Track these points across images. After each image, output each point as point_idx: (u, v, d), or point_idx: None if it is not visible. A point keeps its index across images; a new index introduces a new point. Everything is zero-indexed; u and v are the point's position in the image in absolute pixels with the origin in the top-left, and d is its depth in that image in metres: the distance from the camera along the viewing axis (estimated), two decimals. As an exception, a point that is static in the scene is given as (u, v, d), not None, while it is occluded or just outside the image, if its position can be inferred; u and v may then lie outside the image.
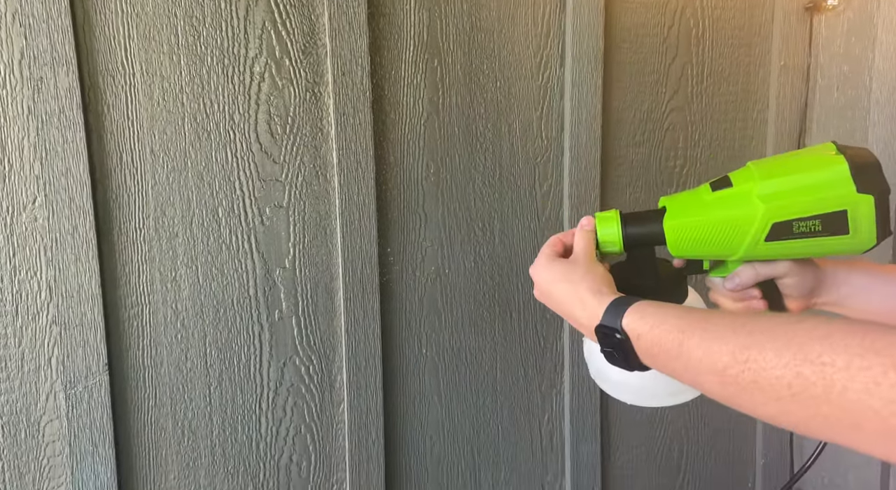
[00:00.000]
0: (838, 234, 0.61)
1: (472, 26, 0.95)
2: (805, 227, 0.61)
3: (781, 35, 1.10)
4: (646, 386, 0.69)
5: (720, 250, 0.66)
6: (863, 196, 0.59)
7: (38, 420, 0.81)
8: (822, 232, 0.61)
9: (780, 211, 0.61)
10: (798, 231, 0.62)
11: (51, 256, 0.79)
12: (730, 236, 0.64)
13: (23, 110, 0.77)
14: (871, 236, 0.60)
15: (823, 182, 0.60)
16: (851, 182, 0.59)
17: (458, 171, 0.97)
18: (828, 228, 0.61)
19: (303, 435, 0.94)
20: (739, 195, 0.63)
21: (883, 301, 0.67)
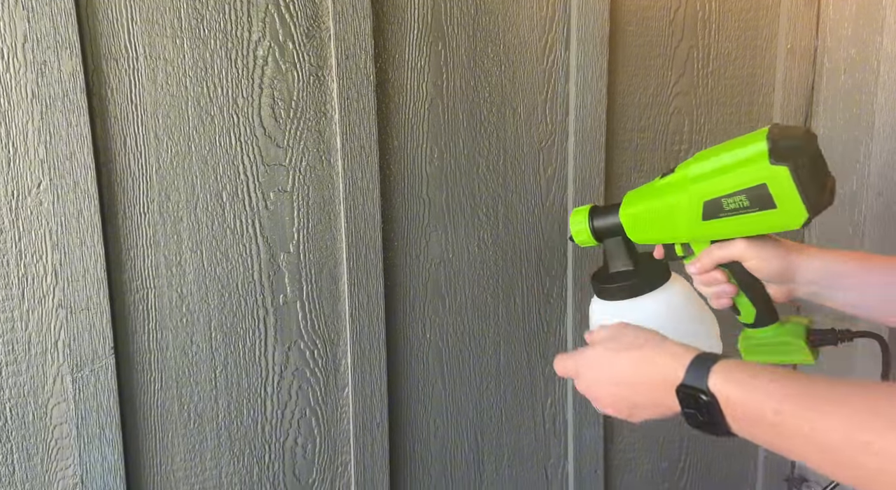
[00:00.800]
0: (767, 209, 0.62)
1: (476, 9, 0.94)
2: (734, 204, 0.63)
3: (788, 18, 1.09)
4: None
5: (668, 233, 0.70)
6: (777, 167, 0.60)
7: (45, 403, 0.82)
8: (751, 207, 0.62)
9: (707, 190, 0.64)
10: (729, 208, 0.63)
11: (56, 240, 0.79)
12: (671, 219, 0.68)
13: (27, 94, 0.76)
14: (799, 210, 0.60)
15: (742, 158, 0.62)
16: (767, 154, 0.60)
17: (462, 156, 0.97)
18: (755, 203, 0.62)
19: (308, 418, 0.95)
20: (677, 180, 0.67)
21: (861, 296, 0.65)
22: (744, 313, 0.71)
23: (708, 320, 0.74)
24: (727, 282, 0.69)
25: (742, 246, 0.67)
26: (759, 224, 0.63)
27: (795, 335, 0.70)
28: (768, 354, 0.71)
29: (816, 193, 0.60)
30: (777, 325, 0.71)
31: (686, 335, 0.68)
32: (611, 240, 0.74)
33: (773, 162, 0.59)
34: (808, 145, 0.61)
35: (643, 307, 0.72)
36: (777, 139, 0.60)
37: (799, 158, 0.59)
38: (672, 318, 0.71)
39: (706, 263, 0.69)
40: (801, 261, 0.66)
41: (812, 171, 0.60)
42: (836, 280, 0.65)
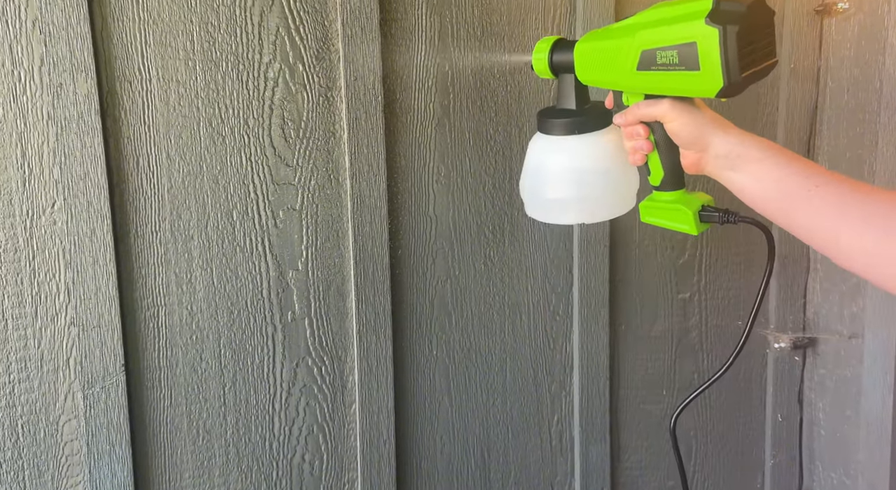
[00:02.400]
0: (691, 70, 0.61)
1: (482, 31, 0.96)
2: (665, 58, 0.63)
3: (791, 38, 1.10)
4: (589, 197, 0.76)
5: (607, 77, 0.70)
6: (710, 28, 0.59)
7: (56, 419, 0.83)
8: (679, 65, 0.62)
9: (647, 39, 0.64)
10: (660, 62, 0.63)
11: (69, 259, 0.80)
12: (611, 63, 0.68)
13: (43, 116, 0.78)
14: (717, 75, 0.60)
15: (686, 13, 0.61)
16: (705, 14, 0.59)
17: (468, 174, 0.98)
18: (683, 62, 0.61)
19: (315, 435, 0.95)
20: (627, 24, 0.67)
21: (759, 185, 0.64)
22: (653, 174, 0.72)
23: (631, 173, 0.76)
24: (646, 139, 0.70)
25: (667, 106, 0.67)
26: (681, 84, 0.63)
27: (688, 205, 0.71)
28: (660, 217, 0.73)
29: (741, 66, 0.59)
30: (681, 192, 0.72)
31: (610, 179, 0.75)
32: (564, 75, 0.75)
33: (707, 22, 0.59)
34: (751, 15, 0.60)
35: (579, 146, 0.75)
36: (721, 2, 0.59)
37: (733, 25, 0.58)
38: (602, 161, 0.75)
39: (630, 117, 0.70)
40: (717, 132, 0.66)
41: (746, 43, 0.59)
42: (743, 162, 0.64)
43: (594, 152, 0.75)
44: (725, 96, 0.62)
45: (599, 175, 0.75)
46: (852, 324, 1.11)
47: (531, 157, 0.80)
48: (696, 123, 0.66)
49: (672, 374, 1.14)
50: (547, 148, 0.78)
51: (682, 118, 0.66)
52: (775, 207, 0.63)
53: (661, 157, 0.71)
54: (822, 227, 0.59)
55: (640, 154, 0.72)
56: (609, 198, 0.77)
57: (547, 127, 0.77)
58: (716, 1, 0.60)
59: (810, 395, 1.20)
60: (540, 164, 0.79)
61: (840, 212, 0.58)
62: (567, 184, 0.76)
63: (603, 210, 0.78)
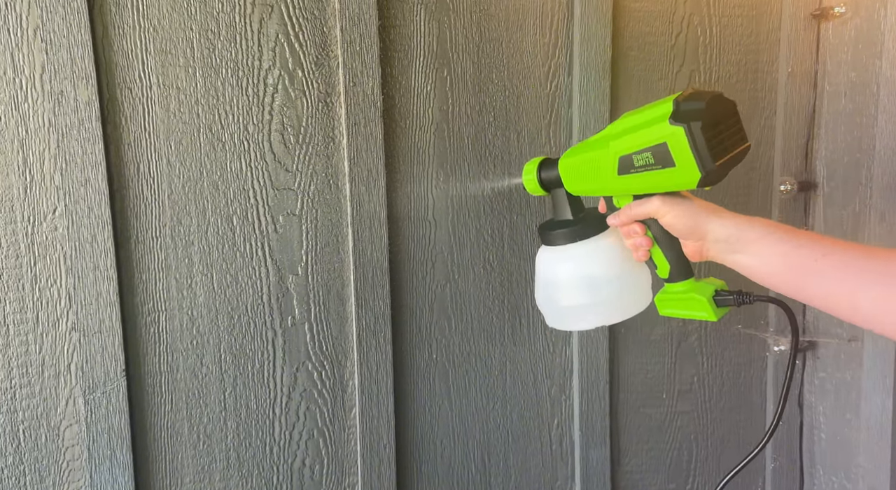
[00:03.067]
0: (668, 167, 0.65)
1: (481, 37, 0.96)
2: (642, 161, 0.67)
3: (789, 42, 1.10)
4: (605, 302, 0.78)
5: (593, 186, 0.75)
6: (675, 127, 0.63)
7: (58, 424, 0.83)
8: (655, 165, 0.66)
9: (622, 146, 0.69)
10: (639, 164, 0.68)
11: (70, 265, 0.81)
12: (594, 172, 0.73)
13: (44, 123, 0.79)
14: (692, 169, 0.64)
15: (650, 118, 0.66)
16: (667, 116, 0.64)
17: (467, 179, 0.99)
18: (659, 161, 0.66)
19: (315, 439, 0.95)
20: (601, 136, 0.72)
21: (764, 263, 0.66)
22: (660, 267, 0.75)
23: (639, 270, 0.78)
24: (643, 235, 0.73)
25: (657, 203, 0.70)
26: (662, 181, 0.67)
27: (702, 293, 0.73)
28: (677, 307, 0.75)
29: (713, 156, 0.63)
30: (691, 281, 0.74)
31: (620, 280, 0.77)
32: (556, 190, 0.80)
33: (671, 122, 0.63)
34: (711, 109, 0.64)
35: (582, 253, 0.78)
36: (681, 102, 0.64)
37: (696, 121, 0.62)
38: (607, 264, 0.77)
39: (624, 217, 0.74)
40: (711, 220, 0.69)
41: (712, 135, 0.63)
42: (744, 244, 0.67)
43: (598, 256, 0.78)
44: (706, 185, 0.66)
45: (609, 277, 0.77)
46: (851, 327, 1.11)
47: (540, 269, 0.82)
48: (689, 214, 0.69)
49: (672, 377, 1.14)
50: (553, 259, 0.80)
51: (674, 211, 0.70)
52: (784, 281, 0.65)
53: (663, 250, 0.73)
54: (837, 293, 0.61)
55: (643, 250, 0.74)
56: (624, 297, 0.79)
57: (549, 238, 0.80)
58: (675, 102, 0.65)
59: (810, 399, 1.20)
60: (549, 275, 0.81)
61: (855, 276, 0.59)
62: (579, 291, 0.78)
63: (619, 310, 0.79)
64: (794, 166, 1.15)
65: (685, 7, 1.07)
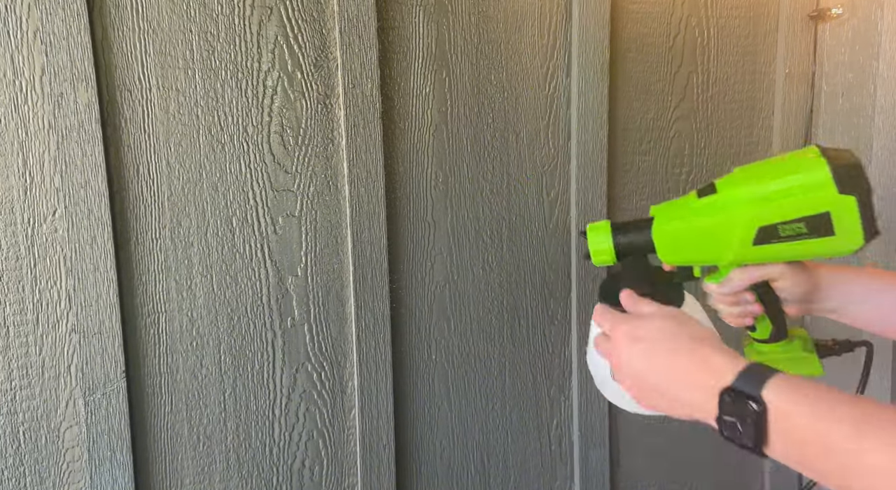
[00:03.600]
0: (824, 236, 0.61)
1: (479, 38, 0.97)
2: (790, 230, 0.62)
3: (786, 43, 1.11)
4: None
5: (709, 255, 0.67)
6: (845, 197, 0.59)
7: (58, 426, 0.83)
8: (807, 234, 0.62)
9: (765, 215, 0.62)
10: (784, 234, 0.62)
11: (70, 266, 0.81)
12: (717, 241, 0.65)
13: (44, 125, 0.79)
14: (857, 237, 0.61)
15: (805, 184, 0.61)
16: (833, 184, 0.60)
17: (466, 180, 0.99)
18: (813, 231, 0.61)
19: (315, 440, 0.95)
20: (725, 200, 0.64)
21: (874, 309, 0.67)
22: (760, 330, 0.72)
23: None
24: (755, 302, 0.69)
25: (781, 267, 0.67)
26: (810, 250, 0.63)
27: (805, 349, 0.71)
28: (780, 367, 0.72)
29: (873, 220, 0.61)
30: (787, 340, 0.72)
31: None
32: (631, 258, 0.70)
33: (841, 191, 0.59)
34: (865, 173, 0.61)
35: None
36: (838, 167, 0.60)
37: (863, 187, 0.59)
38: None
39: (739, 284, 0.68)
40: (824, 283, 0.68)
41: (869, 200, 0.60)
42: (853, 298, 0.68)
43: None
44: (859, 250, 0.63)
45: None
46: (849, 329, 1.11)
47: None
48: (808, 280, 0.68)
49: (671, 377, 1.14)
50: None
51: (795, 277, 0.67)
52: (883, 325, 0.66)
53: (769, 314, 0.70)
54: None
55: (750, 317, 0.70)
56: None
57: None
58: (833, 168, 0.59)
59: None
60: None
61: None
62: None
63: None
64: (791, 167, 1.15)
65: (683, 9, 1.07)
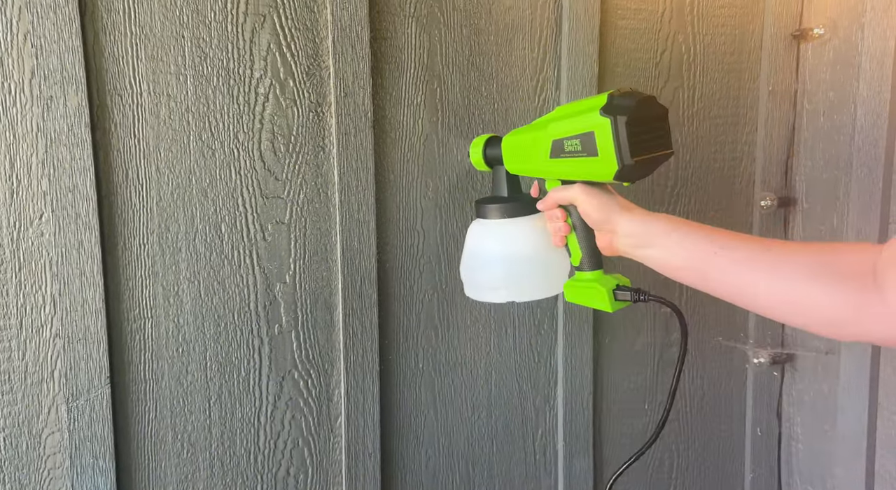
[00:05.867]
0: (591, 156, 0.69)
1: (471, 50, 0.98)
2: (571, 146, 0.71)
3: (769, 61, 1.13)
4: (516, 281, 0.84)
5: (528, 166, 0.80)
6: (603, 118, 0.67)
7: (39, 432, 0.82)
8: (581, 152, 0.70)
9: (556, 130, 0.73)
10: (568, 150, 0.72)
11: (56, 271, 0.80)
12: (530, 153, 0.78)
13: (32, 128, 0.78)
14: (612, 160, 0.67)
15: (585, 106, 0.70)
16: (599, 107, 0.68)
17: (456, 190, 1.00)
18: (585, 149, 0.70)
19: (300, 448, 0.95)
20: (543, 120, 0.77)
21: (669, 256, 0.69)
22: (573, 255, 0.79)
23: (557, 258, 0.84)
24: (563, 221, 0.78)
25: (577, 190, 0.74)
26: (585, 169, 0.71)
27: (605, 285, 0.77)
28: (579, 296, 0.79)
29: (632, 151, 0.67)
30: (598, 273, 0.78)
31: (536, 261, 0.83)
32: (497, 167, 0.86)
33: (602, 113, 0.67)
34: (640, 108, 0.67)
35: (508, 230, 0.84)
36: (615, 96, 0.68)
37: (623, 115, 0.66)
38: (528, 244, 0.83)
39: (549, 201, 0.79)
40: (623, 214, 0.72)
41: (635, 132, 0.67)
42: (651, 239, 0.70)
43: (522, 235, 0.83)
44: (623, 180, 0.70)
45: (527, 256, 0.83)
46: (829, 340, 1.14)
47: (467, 240, 0.88)
48: (604, 206, 0.73)
49: (654, 387, 1.16)
50: (481, 231, 0.86)
51: (592, 200, 0.73)
52: (689, 274, 0.69)
53: (578, 238, 0.78)
54: (736, 284, 0.64)
55: (560, 235, 0.79)
56: (537, 278, 0.84)
57: (481, 211, 0.86)
58: (609, 96, 0.68)
59: (789, 410, 1.22)
60: (473, 246, 0.87)
61: (751, 269, 0.63)
62: (497, 264, 0.84)
63: (531, 290, 0.85)
64: (774, 182, 1.18)
65: (670, 25, 1.09)
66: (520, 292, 0.85)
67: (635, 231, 0.71)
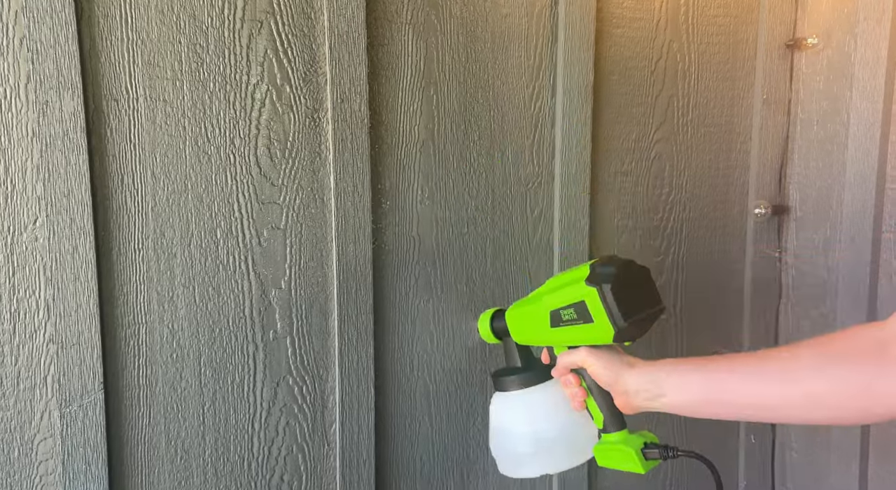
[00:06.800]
0: (588, 323, 0.73)
1: (467, 57, 0.98)
2: (568, 316, 0.75)
3: (764, 70, 1.14)
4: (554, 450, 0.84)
5: (533, 336, 0.84)
6: (589, 288, 0.72)
7: (31, 438, 0.82)
8: (577, 319, 0.74)
9: (551, 302, 0.77)
10: (565, 319, 0.75)
11: (50, 276, 0.80)
12: (532, 324, 0.82)
13: (27, 133, 0.78)
14: (606, 325, 0.71)
15: (573, 278, 0.75)
16: (584, 277, 0.72)
17: (451, 196, 1.00)
18: (581, 316, 0.74)
19: (294, 455, 0.95)
20: (539, 292, 0.82)
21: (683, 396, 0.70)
22: (595, 417, 0.80)
23: (584, 420, 0.82)
24: (578, 385, 0.79)
25: (584, 353, 0.77)
26: (586, 334, 0.74)
27: (632, 445, 0.76)
28: (610, 459, 0.79)
29: (624, 314, 0.71)
30: (623, 433, 0.78)
31: (563, 428, 0.83)
32: (506, 339, 0.90)
33: (587, 283, 0.72)
34: (621, 274, 0.72)
35: (527, 400, 0.85)
36: (596, 266, 0.74)
37: (608, 283, 0.71)
38: (556, 410, 0.83)
39: (560, 368, 0.81)
40: (628, 371, 0.74)
41: (622, 296, 0.71)
42: (659, 387, 0.71)
43: (544, 405, 0.84)
44: (622, 340, 0.73)
45: (553, 426, 0.84)
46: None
47: (492, 417, 0.89)
48: (612, 365, 0.75)
49: (649, 395, 1.16)
50: (504, 407, 0.88)
51: (599, 362, 0.76)
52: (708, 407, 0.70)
53: (596, 400, 0.79)
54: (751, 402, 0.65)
55: (578, 400, 0.80)
56: (566, 446, 0.84)
57: (499, 385, 0.89)
58: (591, 266, 0.73)
59: (782, 417, 1.23)
60: (500, 423, 0.88)
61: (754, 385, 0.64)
62: (524, 437, 0.85)
63: (562, 460, 0.85)
64: (768, 190, 1.19)
65: (665, 34, 1.10)
66: (553, 464, 0.85)
67: (643, 385, 0.72)
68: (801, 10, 1.13)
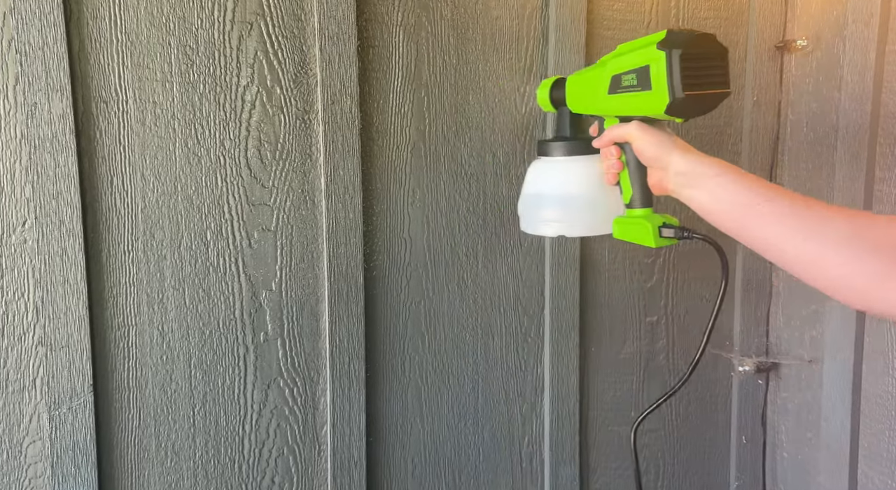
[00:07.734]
0: (646, 90, 0.69)
1: (458, 59, 0.98)
2: (628, 81, 0.72)
3: (754, 72, 1.14)
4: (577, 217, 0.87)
5: (589, 103, 0.81)
6: (658, 51, 0.67)
7: (20, 441, 0.81)
8: (637, 86, 0.71)
9: (616, 65, 0.74)
10: (624, 85, 0.72)
11: (39, 278, 0.79)
12: (591, 90, 0.79)
13: (16, 135, 0.78)
14: (664, 93, 0.67)
15: (645, 42, 0.71)
16: (657, 41, 0.68)
17: (443, 198, 1.00)
18: (640, 83, 0.70)
19: (285, 457, 0.95)
20: (605, 58, 0.78)
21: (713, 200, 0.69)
22: (624, 192, 0.80)
23: (611, 198, 0.85)
24: (617, 159, 0.78)
25: (633, 126, 0.74)
26: (639, 103, 0.71)
27: (651, 221, 0.77)
28: (626, 232, 0.80)
29: (684, 85, 0.67)
30: (648, 211, 0.78)
31: (590, 199, 0.85)
32: (561, 109, 0.88)
33: (658, 47, 0.67)
34: (697, 44, 0.68)
35: (566, 167, 0.87)
36: (672, 31, 0.69)
37: (679, 49, 0.66)
38: (589, 181, 0.85)
39: (605, 139, 0.79)
40: (677, 151, 0.72)
41: (689, 66, 0.67)
42: (700, 180, 0.70)
43: (579, 173, 0.86)
44: (675, 114, 0.69)
45: (582, 193, 0.86)
46: (812, 348, 1.14)
47: (528, 177, 0.91)
48: (659, 142, 0.73)
49: (640, 396, 1.16)
50: (541, 169, 0.89)
51: (647, 137, 0.73)
52: (730, 220, 0.68)
53: (630, 176, 0.78)
54: (771, 237, 0.64)
55: (613, 173, 0.80)
56: (589, 215, 0.86)
57: (542, 149, 0.90)
58: (668, 31, 0.69)
59: (773, 418, 1.23)
60: (534, 182, 0.90)
61: (790, 224, 0.63)
62: (555, 199, 0.87)
63: (582, 226, 0.88)
64: (758, 191, 1.19)
65: (656, 36, 1.10)
66: (571, 227, 0.87)
67: (686, 170, 0.71)
68: (790, 13, 1.13)
